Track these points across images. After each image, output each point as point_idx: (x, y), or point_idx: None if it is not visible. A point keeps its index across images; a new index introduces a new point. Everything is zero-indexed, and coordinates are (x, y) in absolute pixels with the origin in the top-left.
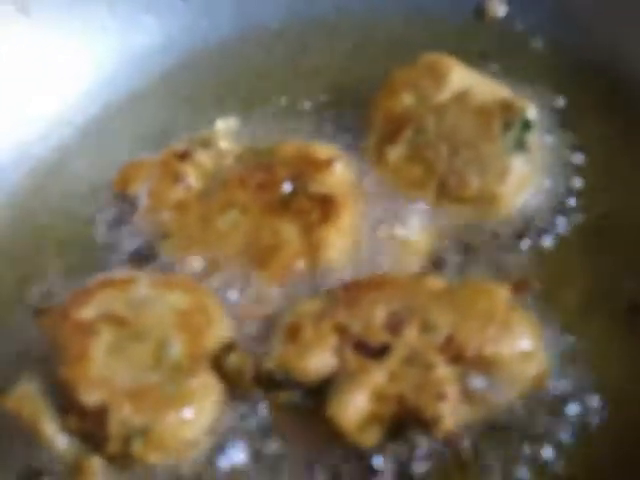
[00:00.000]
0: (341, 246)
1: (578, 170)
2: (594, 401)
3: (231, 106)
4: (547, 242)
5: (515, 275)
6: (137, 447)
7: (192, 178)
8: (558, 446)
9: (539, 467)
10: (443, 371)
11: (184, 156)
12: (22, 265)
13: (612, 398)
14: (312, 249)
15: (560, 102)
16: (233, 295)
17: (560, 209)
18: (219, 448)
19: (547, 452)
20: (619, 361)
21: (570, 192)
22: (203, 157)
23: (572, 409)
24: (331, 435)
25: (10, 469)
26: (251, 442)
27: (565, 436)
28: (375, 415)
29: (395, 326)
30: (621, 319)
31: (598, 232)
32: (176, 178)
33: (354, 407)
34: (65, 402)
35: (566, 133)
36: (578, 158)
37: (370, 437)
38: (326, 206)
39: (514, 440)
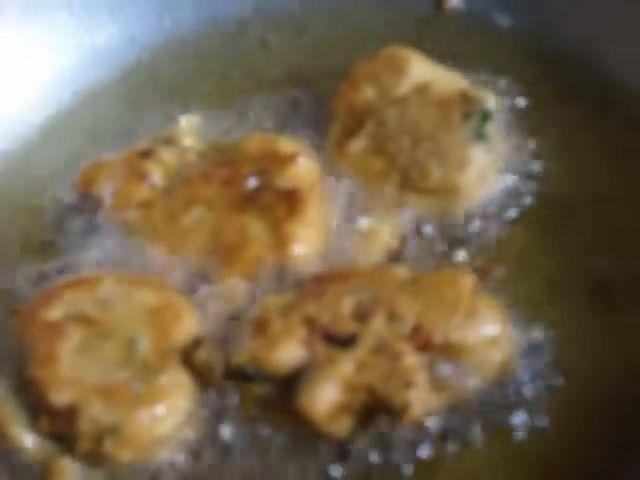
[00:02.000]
0: (307, 240)
1: (538, 156)
2: (559, 383)
3: (193, 103)
4: (510, 228)
5: (479, 262)
6: (109, 445)
7: (156, 176)
8: (526, 427)
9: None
10: (411, 359)
11: (148, 154)
12: None
13: (577, 379)
14: (279, 243)
15: (520, 92)
16: (201, 291)
17: (521, 196)
18: (191, 443)
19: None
20: (584, 343)
21: (531, 178)
22: (167, 155)
23: (537, 392)
24: (301, 424)
25: None
26: (223, 435)
27: (531, 417)
28: (345, 404)
29: (362, 316)
30: (585, 300)
31: (559, 216)
32: (140, 177)
33: (324, 397)
34: (35, 403)
35: (526, 122)
36: (538, 145)
37: (341, 426)
38: (291, 200)
39: (482, 423)
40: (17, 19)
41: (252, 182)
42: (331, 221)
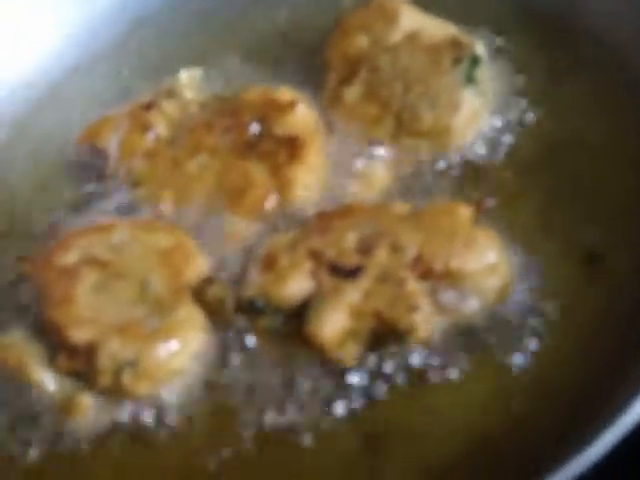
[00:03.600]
0: (308, 183)
1: (524, 99)
2: (551, 310)
3: (192, 60)
4: (498, 166)
5: (472, 195)
6: (127, 379)
7: (160, 127)
8: (522, 350)
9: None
10: (414, 286)
11: (150, 106)
12: None
13: (565, 306)
14: (281, 187)
15: (507, 41)
16: (208, 234)
17: (509, 136)
18: (205, 375)
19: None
20: (570, 270)
21: (517, 119)
22: (169, 107)
23: (532, 317)
24: (311, 353)
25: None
26: (235, 367)
27: (527, 341)
28: (353, 331)
29: (366, 248)
30: (573, 232)
31: (545, 156)
32: (144, 128)
33: (332, 324)
34: (55, 343)
35: (513, 68)
36: (524, 89)
37: (349, 351)
38: (292, 146)
39: (483, 347)
40: None
41: (253, 129)
42: (331, 165)
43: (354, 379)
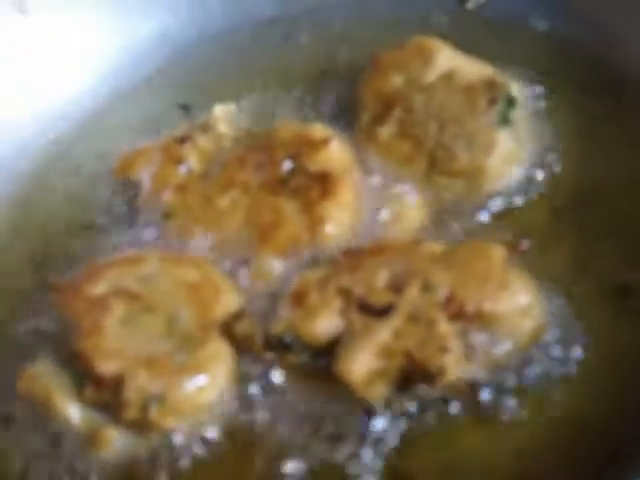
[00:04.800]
0: (340, 221)
1: (558, 142)
2: (584, 351)
3: (227, 94)
4: (531, 209)
5: (505, 236)
6: (154, 413)
7: (193, 161)
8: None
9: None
10: (445, 327)
11: (184, 140)
12: (28, 253)
13: (597, 350)
14: (313, 224)
15: (543, 83)
16: (238, 269)
17: (542, 178)
18: (233, 410)
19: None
20: (604, 315)
21: (550, 162)
22: (203, 141)
23: (564, 359)
24: (339, 392)
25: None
26: (263, 403)
27: (560, 383)
28: (382, 370)
29: (397, 287)
30: (606, 274)
31: (578, 199)
32: (177, 161)
33: (361, 363)
34: (81, 374)
35: (547, 110)
36: (557, 131)
37: (377, 391)
38: (324, 183)
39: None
40: (54, 18)
41: (286, 166)
42: (362, 203)
43: (381, 418)
